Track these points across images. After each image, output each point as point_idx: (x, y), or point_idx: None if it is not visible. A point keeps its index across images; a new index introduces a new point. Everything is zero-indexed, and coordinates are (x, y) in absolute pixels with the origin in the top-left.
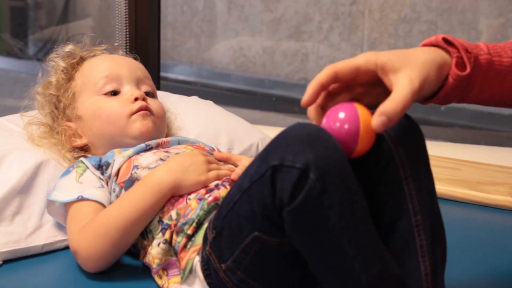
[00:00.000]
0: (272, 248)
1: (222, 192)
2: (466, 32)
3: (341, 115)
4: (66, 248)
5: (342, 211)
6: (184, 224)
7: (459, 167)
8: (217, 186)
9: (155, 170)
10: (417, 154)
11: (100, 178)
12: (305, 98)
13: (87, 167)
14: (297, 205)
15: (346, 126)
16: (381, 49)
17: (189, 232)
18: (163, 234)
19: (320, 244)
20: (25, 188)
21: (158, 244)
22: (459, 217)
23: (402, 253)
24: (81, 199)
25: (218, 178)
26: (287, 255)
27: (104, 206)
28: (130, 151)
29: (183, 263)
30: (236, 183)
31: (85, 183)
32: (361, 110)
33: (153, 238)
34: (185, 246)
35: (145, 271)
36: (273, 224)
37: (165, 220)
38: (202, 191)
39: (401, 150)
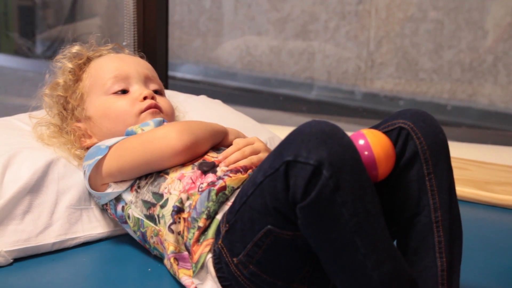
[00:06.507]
0: (284, 241)
1: (228, 181)
2: (472, 31)
3: (361, 142)
4: (76, 246)
5: (355, 208)
6: (195, 218)
7: (466, 167)
8: (220, 178)
9: None
10: (440, 152)
11: None
12: None
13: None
14: (310, 202)
15: (366, 153)
16: (388, 48)
17: (201, 224)
18: (172, 216)
19: (332, 241)
20: (35, 187)
21: (170, 227)
22: (466, 217)
23: (419, 248)
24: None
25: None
26: (299, 248)
27: None
28: (151, 126)
29: (195, 256)
30: (250, 178)
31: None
32: (370, 136)
33: (165, 223)
34: (198, 240)
35: (154, 271)
36: (286, 218)
37: (176, 203)
38: (205, 185)
39: (425, 147)
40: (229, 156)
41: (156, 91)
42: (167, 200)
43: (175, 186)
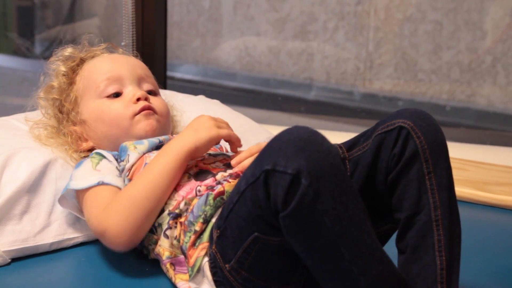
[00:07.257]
0: (273, 247)
1: (226, 186)
2: (471, 32)
3: None
4: (74, 246)
5: (336, 215)
6: (192, 222)
7: (465, 167)
8: (219, 183)
9: (170, 141)
10: (439, 151)
11: (117, 168)
12: None
13: (103, 157)
14: (291, 211)
15: None
16: (387, 48)
17: (197, 228)
18: (168, 223)
19: (316, 249)
20: (33, 187)
21: (165, 232)
22: (464, 217)
23: (419, 247)
24: (101, 184)
25: (230, 136)
26: (289, 252)
27: None
28: (145, 146)
29: (191, 260)
30: (236, 184)
31: (103, 170)
32: None
33: (162, 231)
34: (193, 244)
35: (152, 270)
36: (271, 225)
37: (175, 210)
38: (203, 187)
39: (425, 146)
40: (243, 162)
41: (150, 92)
42: (163, 209)
43: (171, 195)
